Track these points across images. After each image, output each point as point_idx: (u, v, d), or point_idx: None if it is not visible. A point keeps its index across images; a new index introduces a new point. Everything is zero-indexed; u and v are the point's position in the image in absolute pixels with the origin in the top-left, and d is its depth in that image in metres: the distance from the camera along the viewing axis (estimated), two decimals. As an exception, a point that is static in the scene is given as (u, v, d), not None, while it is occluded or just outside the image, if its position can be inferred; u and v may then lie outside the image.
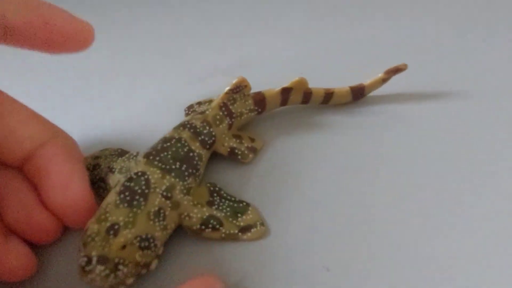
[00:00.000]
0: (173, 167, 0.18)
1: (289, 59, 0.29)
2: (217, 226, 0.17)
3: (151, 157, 0.18)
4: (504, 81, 0.26)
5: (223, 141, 0.20)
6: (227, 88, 0.20)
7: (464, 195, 0.19)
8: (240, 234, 0.18)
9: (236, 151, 0.21)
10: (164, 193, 0.17)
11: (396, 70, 0.23)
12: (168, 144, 0.18)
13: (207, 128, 0.20)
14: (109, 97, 0.27)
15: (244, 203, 0.19)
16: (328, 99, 0.23)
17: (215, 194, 0.19)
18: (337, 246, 0.17)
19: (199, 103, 0.23)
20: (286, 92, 0.22)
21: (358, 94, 0.23)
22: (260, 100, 0.22)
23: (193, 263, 0.17)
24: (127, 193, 0.16)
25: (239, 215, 0.18)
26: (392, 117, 0.23)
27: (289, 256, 0.17)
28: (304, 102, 0.23)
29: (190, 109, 0.23)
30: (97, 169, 0.20)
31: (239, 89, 0.20)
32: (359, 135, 0.22)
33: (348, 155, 0.21)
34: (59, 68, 0.31)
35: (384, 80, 0.23)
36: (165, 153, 0.18)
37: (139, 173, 0.17)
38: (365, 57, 0.29)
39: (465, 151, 0.21)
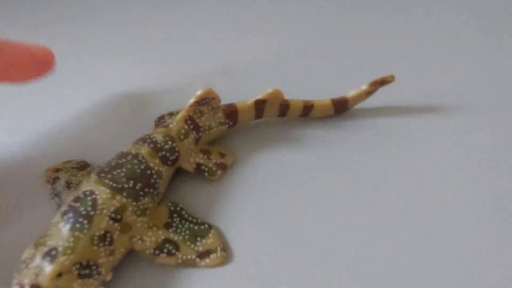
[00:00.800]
0: (126, 186, 0.16)
1: (274, 67, 0.27)
2: (173, 251, 0.16)
3: (102, 175, 0.16)
4: (498, 94, 0.23)
5: (189, 157, 0.19)
6: (192, 100, 0.19)
7: (453, 215, 0.17)
8: (198, 260, 0.16)
9: (203, 167, 0.19)
10: (113, 215, 0.15)
11: (382, 82, 0.21)
12: (124, 160, 0.17)
13: (170, 143, 0.18)
14: (75, 102, 0.25)
15: (206, 226, 0.17)
16: (307, 112, 0.21)
17: (175, 215, 0.17)
18: (305, 277, 0.15)
19: (171, 114, 0.22)
20: (260, 105, 0.20)
21: (341, 107, 0.22)
22: (231, 113, 0.20)
23: (144, 291, 0.16)
24: (70, 214, 0.15)
25: (198, 238, 0.17)
26: (377, 133, 0.21)
27: (251, 285, 0.15)
28: (281, 114, 0.21)
29: (160, 120, 0.22)
30: (56, 182, 0.19)
31: (206, 101, 0.19)
32: (340, 151, 0.21)
33: (327, 174, 0.19)
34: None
35: (368, 93, 0.21)
36: (119, 170, 0.17)
37: (87, 192, 0.16)
38: (353, 67, 0.27)
39: (454, 169, 0.19)
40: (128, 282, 0.16)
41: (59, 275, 0.14)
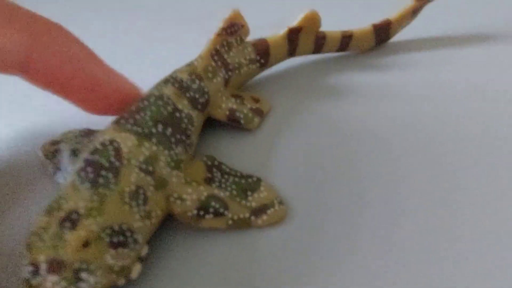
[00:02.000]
0: (154, 131, 0.13)
1: (334, 16, 0.24)
2: (221, 210, 0.13)
3: (122, 121, 0.13)
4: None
5: (220, 102, 0.16)
6: (219, 27, 0.15)
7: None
8: (253, 218, 0.13)
9: (238, 114, 0.16)
10: (143, 166, 0.12)
11: (431, -7, 0.18)
12: (146, 103, 0.13)
13: (197, 82, 0.15)
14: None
15: (254, 178, 0.14)
16: (345, 44, 0.18)
17: (214, 170, 0.14)
18: (365, 228, 0.12)
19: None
20: (294, 35, 0.17)
21: (383, 33, 0.19)
22: (263, 49, 0.17)
23: (191, 268, 0.12)
24: (89, 169, 0.11)
25: (249, 193, 0.13)
26: (422, 67, 0.19)
27: (313, 242, 0.12)
28: (316, 50, 0.18)
29: None
30: (57, 156, 0.15)
31: (235, 29, 0.16)
32: (391, 95, 0.18)
33: (379, 121, 0.16)
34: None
35: (415, 11, 0.19)
36: (142, 114, 0.13)
37: (106, 142, 0.12)
38: None
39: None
40: (167, 257, 0.12)
41: (86, 244, 0.10)
